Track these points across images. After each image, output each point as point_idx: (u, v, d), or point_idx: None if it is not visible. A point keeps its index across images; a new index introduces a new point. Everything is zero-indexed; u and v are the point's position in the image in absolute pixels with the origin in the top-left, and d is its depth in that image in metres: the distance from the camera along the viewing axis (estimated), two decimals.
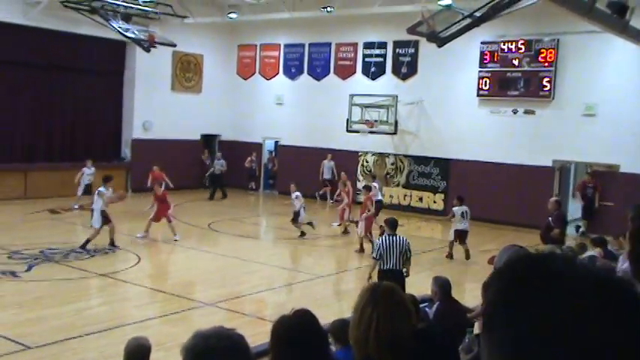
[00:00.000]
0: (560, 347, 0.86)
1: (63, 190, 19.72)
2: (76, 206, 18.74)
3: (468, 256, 14.14)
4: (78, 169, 19.20)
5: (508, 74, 19.31)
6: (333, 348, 4.32)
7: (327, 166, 22.09)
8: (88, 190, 18.32)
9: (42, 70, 20.82)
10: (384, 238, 9.71)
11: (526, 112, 19.32)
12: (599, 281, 0.90)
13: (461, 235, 14.27)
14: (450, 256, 14.38)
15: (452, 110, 20.50)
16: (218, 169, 23.17)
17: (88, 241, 13.75)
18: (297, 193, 16.34)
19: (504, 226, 18.05)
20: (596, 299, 0.87)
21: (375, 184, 17.10)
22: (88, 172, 19.05)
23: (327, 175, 21.96)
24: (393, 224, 9.90)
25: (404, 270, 9.52)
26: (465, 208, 14.44)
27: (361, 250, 14.81)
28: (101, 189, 14.16)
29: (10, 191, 19.43)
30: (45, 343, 8.20)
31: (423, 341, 2.81)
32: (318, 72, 23.75)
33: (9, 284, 10.95)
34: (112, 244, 14.05)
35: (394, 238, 9.56)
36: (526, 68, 19.02)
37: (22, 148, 20.76)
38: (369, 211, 14.98)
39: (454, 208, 14.51)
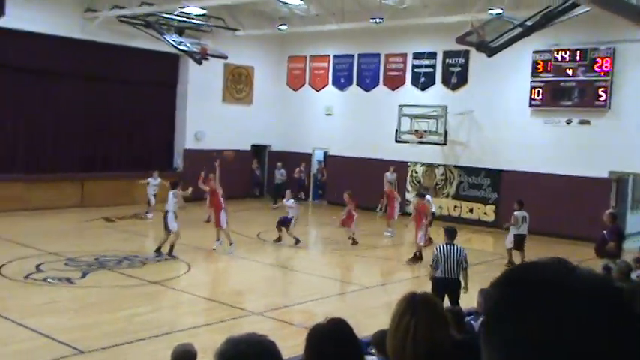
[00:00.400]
0: (550, 354, 0.86)
1: (117, 199, 20.27)
2: (150, 215, 19.12)
3: None
4: (138, 178, 19.68)
5: (562, 84, 18.90)
6: (374, 358, 4.31)
7: (390, 177, 21.00)
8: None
9: (98, 82, 21.45)
10: (441, 246, 9.69)
11: (581, 122, 18.85)
12: (594, 290, 0.90)
13: (520, 241, 14.06)
14: (510, 264, 14.05)
15: (503, 120, 20.15)
16: (278, 179, 23.44)
17: (172, 247, 14.08)
18: (294, 202, 16.63)
19: (558, 239, 17.61)
20: (588, 308, 0.88)
21: (428, 197, 16.86)
22: (153, 183, 19.45)
23: (386, 188, 20.05)
24: (451, 233, 9.85)
25: (461, 279, 9.47)
26: (524, 213, 14.37)
27: (413, 260, 14.69)
28: (174, 191, 14.62)
29: (66, 199, 20.04)
30: (98, 348, 8.43)
31: (462, 352, 2.78)
32: (368, 82, 23.76)
33: (65, 290, 11.33)
34: (159, 250, 14.16)
35: (451, 247, 9.55)
36: (581, 78, 18.58)
37: (79, 158, 21.40)
38: (426, 218, 15.06)
39: (515, 213, 14.43)
